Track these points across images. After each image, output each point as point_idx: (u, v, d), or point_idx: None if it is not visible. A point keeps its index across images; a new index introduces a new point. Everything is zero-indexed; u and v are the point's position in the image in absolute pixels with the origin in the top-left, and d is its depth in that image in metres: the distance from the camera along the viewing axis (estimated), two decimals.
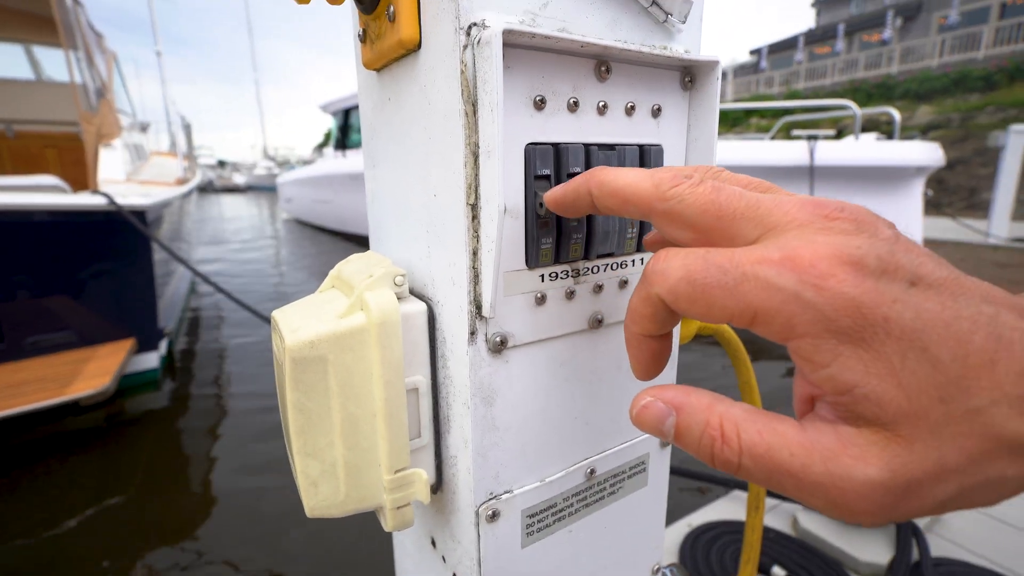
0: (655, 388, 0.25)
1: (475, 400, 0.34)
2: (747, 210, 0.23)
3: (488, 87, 0.28)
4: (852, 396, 0.19)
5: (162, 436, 3.09)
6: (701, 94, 0.38)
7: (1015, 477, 0.18)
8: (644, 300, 0.25)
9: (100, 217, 3.19)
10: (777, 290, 0.20)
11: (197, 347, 4.62)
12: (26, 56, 6.35)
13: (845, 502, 0.19)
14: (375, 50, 0.36)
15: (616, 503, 0.44)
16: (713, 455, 0.22)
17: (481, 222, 0.30)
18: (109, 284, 3.39)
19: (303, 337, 0.33)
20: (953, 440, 0.18)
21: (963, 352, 0.18)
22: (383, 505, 0.37)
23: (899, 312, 0.18)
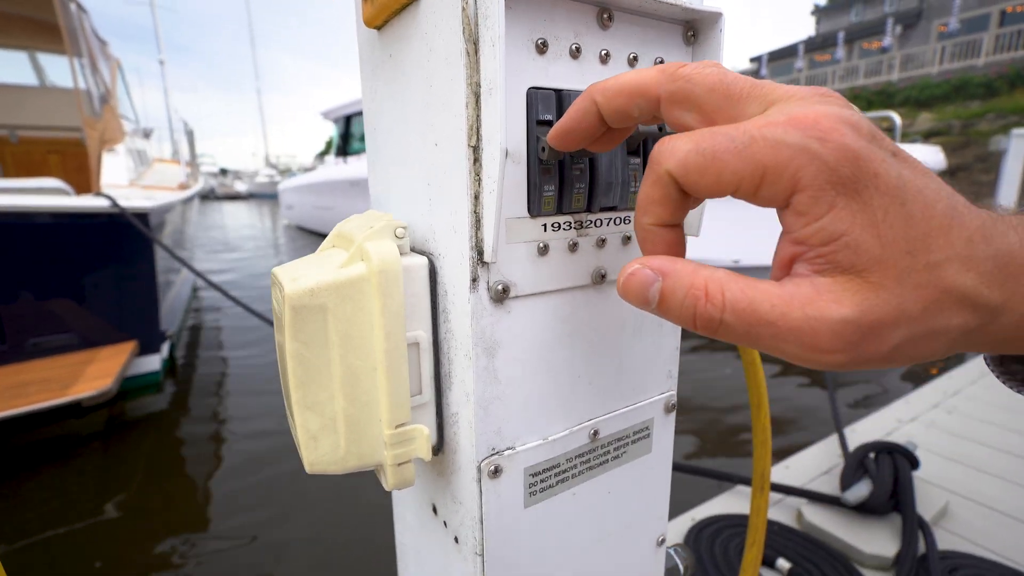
0: (642, 257, 0.26)
1: (477, 351, 0.33)
2: (753, 89, 0.24)
3: (490, 22, 0.28)
4: (837, 244, 0.21)
5: (163, 438, 3.08)
6: (704, 48, 0.38)
7: (957, 327, 0.21)
8: (654, 182, 0.25)
9: (103, 219, 3.20)
10: (785, 146, 0.21)
11: (199, 350, 4.62)
12: (30, 62, 6.41)
13: (817, 342, 0.21)
14: (376, 4, 0.36)
15: (620, 468, 0.43)
16: (696, 314, 0.23)
17: (483, 164, 0.30)
18: (111, 286, 3.39)
19: (303, 285, 0.32)
20: (914, 289, 0.20)
21: (929, 213, 0.21)
22: (383, 462, 0.36)
23: (887, 170, 0.21)
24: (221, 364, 4.27)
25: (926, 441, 1.61)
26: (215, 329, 5.26)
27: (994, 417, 1.78)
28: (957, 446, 1.58)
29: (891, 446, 1.29)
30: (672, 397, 0.46)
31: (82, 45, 4.61)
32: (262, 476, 2.61)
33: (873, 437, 1.64)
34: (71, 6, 4.49)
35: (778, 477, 1.42)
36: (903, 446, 1.29)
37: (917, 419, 1.77)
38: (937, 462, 1.49)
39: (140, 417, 3.34)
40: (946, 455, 1.53)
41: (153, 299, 3.59)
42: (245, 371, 4.11)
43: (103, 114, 4.87)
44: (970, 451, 1.55)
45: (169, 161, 6.97)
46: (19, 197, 2.99)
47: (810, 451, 1.56)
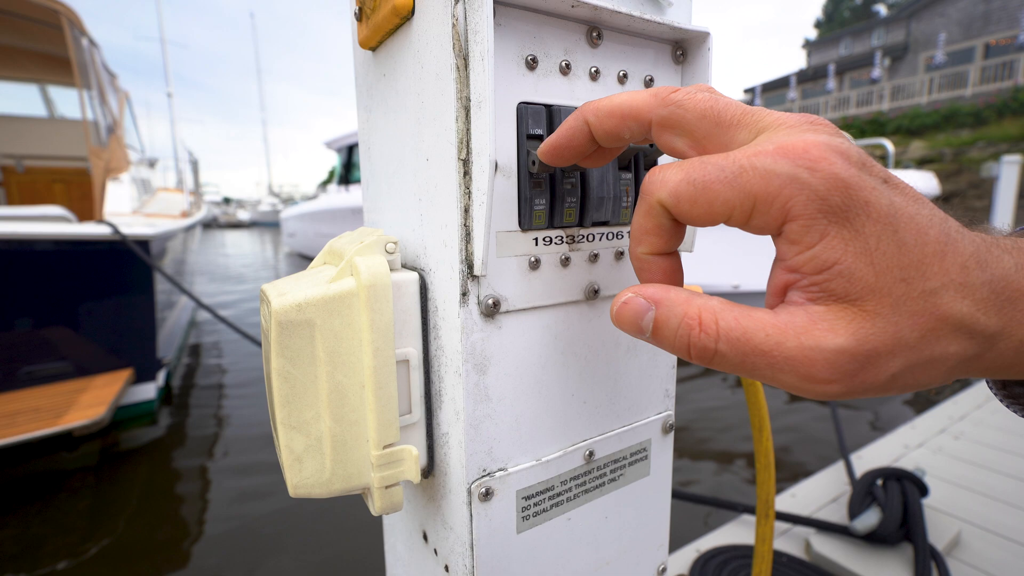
0: (636, 286, 0.26)
1: (467, 367, 0.33)
2: (743, 116, 0.24)
3: (479, 37, 0.28)
4: (831, 273, 0.21)
5: (156, 472, 3.02)
6: (693, 68, 0.38)
7: (954, 355, 0.21)
8: (646, 212, 0.25)
9: (104, 247, 3.21)
10: (775, 175, 0.21)
11: (196, 378, 4.57)
12: (41, 95, 6.56)
13: (813, 372, 0.21)
14: (371, 25, 0.37)
15: (617, 492, 0.42)
16: (690, 343, 0.23)
17: (473, 177, 0.30)
18: (110, 314, 3.38)
19: (290, 300, 0.32)
20: (910, 317, 0.20)
21: (923, 239, 0.21)
22: (370, 485, 0.35)
23: (877, 198, 0.21)
24: (219, 392, 4.22)
25: (934, 467, 1.57)
26: (214, 357, 5.22)
27: (1002, 442, 1.75)
28: (966, 472, 1.54)
29: (899, 472, 1.26)
30: (670, 417, 0.45)
31: (92, 78, 4.72)
32: (258, 512, 2.54)
33: (879, 464, 1.60)
34: (83, 41, 4.62)
35: (784, 506, 1.38)
36: (912, 472, 1.26)
37: (924, 445, 1.74)
38: (947, 489, 1.45)
39: (134, 448, 3.27)
40: (956, 482, 1.50)
41: (151, 326, 3.57)
42: (243, 400, 4.05)
43: (109, 144, 4.96)
44: (980, 478, 1.52)
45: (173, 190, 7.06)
46: (21, 224, 3.01)
47: (816, 479, 1.52)
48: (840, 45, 24.77)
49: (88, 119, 4.51)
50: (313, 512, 2.47)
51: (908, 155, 14.75)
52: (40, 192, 6.00)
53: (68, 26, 4.33)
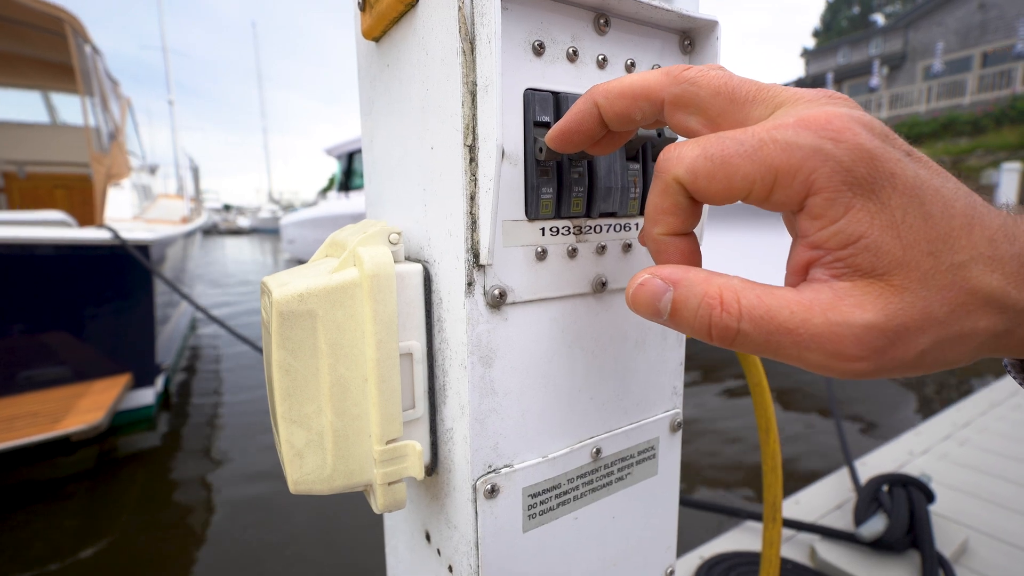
0: (652, 267, 0.25)
1: (472, 359, 0.32)
2: (758, 92, 0.23)
3: (486, 19, 0.27)
4: (856, 247, 0.20)
5: (153, 478, 2.99)
6: (701, 57, 0.38)
7: (984, 330, 0.20)
8: (662, 191, 0.25)
9: (104, 251, 3.21)
10: (797, 147, 0.20)
11: (195, 383, 4.55)
12: (43, 101, 6.59)
13: (842, 348, 0.20)
14: (374, 14, 0.36)
15: (625, 491, 0.41)
16: (711, 324, 0.22)
17: (479, 163, 0.29)
18: (109, 319, 3.37)
19: (292, 290, 0.31)
20: (938, 291, 0.20)
21: (949, 212, 0.20)
22: (372, 481, 0.34)
23: (903, 169, 0.20)
24: (217, 397, 4.20)
25: (940, 473, 1.55)
26: (213, 362, 5.20)
27: (1008, 449, 1.73)
28: (972, 479, 1.53)
29: (905, 478, 1.25)
30: (678, 415, 0.44)
31: (94, 85, 4.74)
32: (256, 520, 2.52)
33: (884, 470, 1.59)
34: (86, 48, 4.65)
35: (789, 512, 1.36)
36: (918, 478, 1.25)
37: (929, 451, 1.72)
38: (953, 496, 1.43)
39: (131, 453, 3.25)
40: (962, 488, 1.48)
41: (150, 331, 3.56)
42: (242, 406, 4.03)
43: (111, 150, 4.97)
44: (986, 484, 1.50)
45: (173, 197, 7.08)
46: (22, 229, 3.01)
47: (820, 485, 1.50)
48: (838, 54, 24.93)
49: (90, 125, 4.53)
50: (313, 520, 2.45)
51: None
52: (41, 198, 6.02)
53: (72, 34, 4.36)
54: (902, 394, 4.07)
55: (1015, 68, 15.69)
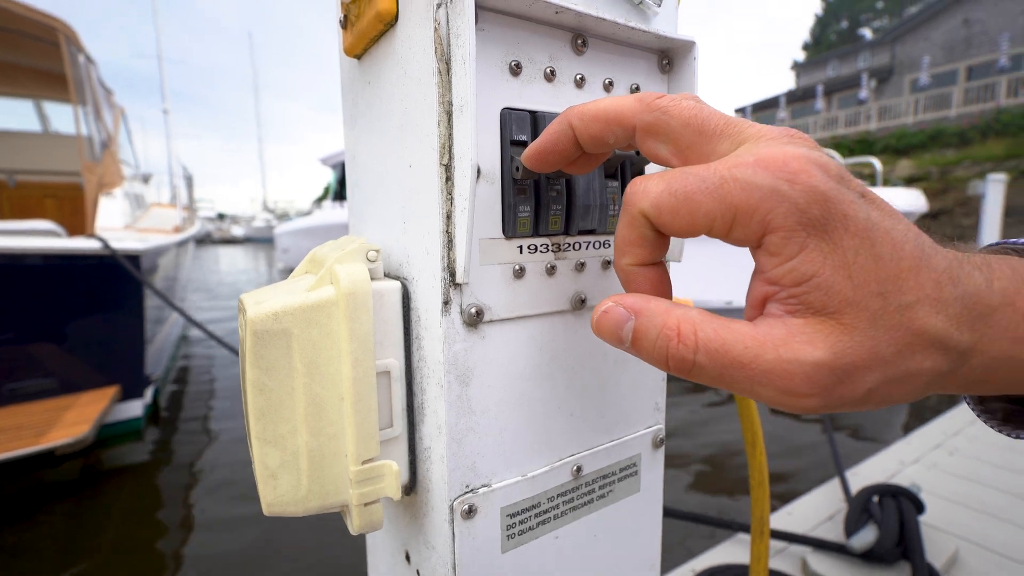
0: (616, 295, 0.26)
1: (449, 378, 0.32)
2: (726, 127, 0.24)
3: (461, 40, 0.27)
4: (809, 285, 0.21)
5: (138, 493, 2.94)
6: (679, 76, 0.38)
7: (929, 370, 0.21)
8: (629, 223, 0.25)
9: (94, 261, 3.18)
10: (756, 188, 0.21)
11: (185, 395, 4.50)
12: (36, 110, 6.58)
13: (792, 385, 0.20)
14: (355, 32, 0.36)
15: (606, 509, 0.40)
16: (668, 354, 0.23)
17: (455, 182, 0.29)
18: (98, 330, 3.33)
19: (267, 309, 0.31)
20: (886, 331, 0.20)
21: (899, 254, 0.21)
22: (349, 502, 0.34)
23: (856, 211, 0.21)
24: (208, 410, 4.15)
25: (930, 483, 1.56)
26: (204, 373, 5.15)
27: (997, 458, 1.74)
28: (962, 489, 1.53)
29: (895, 489, 1.25)
30: (660, 431, 0.43)
31: (87, 94, 4.74)
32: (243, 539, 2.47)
33: (875, 479, 1.59)
34: (80, 57, 4.65)
35: (781, 524, 1.36)
36: (908, 489, 1.25)
37: (919, 461, 1.72)
38: (943, 506, 1.43)
39: (117, 467, 3.20)
40: (952, 498, 1.48)
41: (139, 342, 3.52)
42: (233, 419, 3.99)
43: (103, 159, 4.96)
44: (976, 494, 1.50)
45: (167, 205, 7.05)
46: (10, 239, 2.98)
47: (812, 496, 1.50)
48: (828, 67, 25.34)
49: (82, 134, 4.52)
50: (301, 538, 2.41)
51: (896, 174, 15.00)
52: (32, 207, 5.97)
53: (65, 42, 4.36)
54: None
55: (999, 82, 15.99)
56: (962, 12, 18.90)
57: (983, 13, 18.38)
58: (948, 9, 19.33)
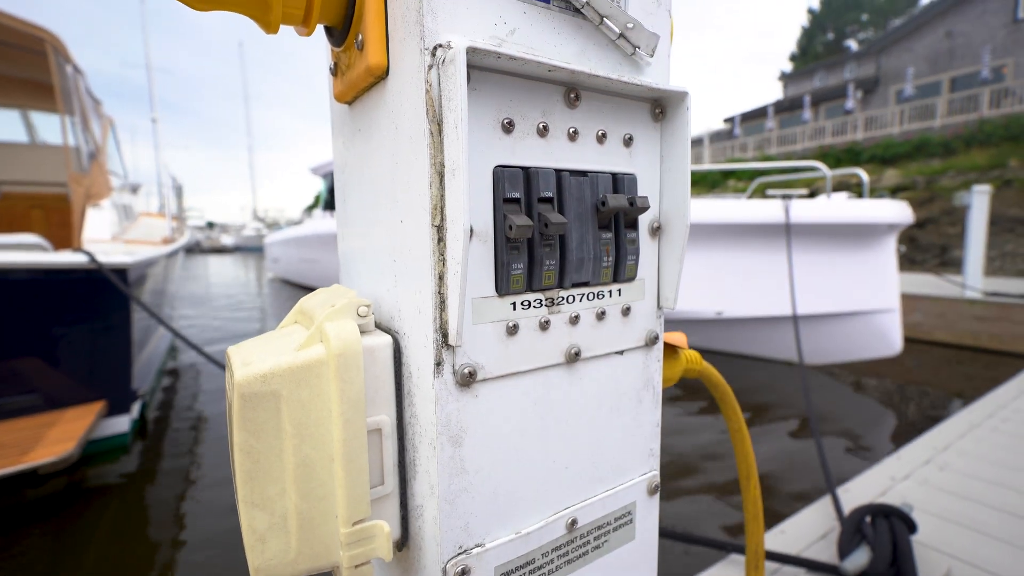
0: None
1: (441, 439, 0.31)
2: None
3: (452, 104, 0.27)
4: None
5: (125, 509, 2.88)
6: (672, 125, 0.38)
7: None
8: None
9: (80, 275, 3.13)
10: None
11: (172, 409, 4.43)
12: (22, 120, 6.52)
13: None
14: (345, 81, 0.36)
15: (601, 559, 0.40)
16: None
17: (447, 244, 0.29)
18: (83, 345, 3.28)
19: (255, 371, 0.30)
20: None
21: None
22: (339, 564, 0.33)
23: None
24: (195, 424, 4.09)
25: (921, 501, 1.56)
26: (192, 386, 5.08)
27: (988, 473, 1.75)
28: (954, 506, 1.54)
29: (888, 509, 1.25)
30: (655, 477, 0.43)
31: (75, 104, 4.70)
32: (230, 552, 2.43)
33: (867, 497, 1.59)
34: (67, 68, 4.62)
35: (774, 544, 1.35)
36: (900, 509, 1.25)
37: (910, 477, 1.73)
38: (935, 524, 1.44)
39: (103, 485, 3.13)
40: (944, 516, 1.49)
41: (126, 357, 3.47)
42: (222, 436, 3.93)
43: (91, 170, 4.91)
44: (968, 511, 1.51)
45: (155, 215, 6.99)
46: None
47: (804, 514, 1.50)
48: (815, 78, 25.73)
49: (69, 145, 4.48)
50: None
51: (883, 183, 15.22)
52: (17, 218, 5.90)
53: (52, 53, 4.33)
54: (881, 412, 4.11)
55: (981, 93, 16.31)
56: (945, 25, 19.32)
57: (966, 26, 18.80)
58: (931, 22, 19.76)
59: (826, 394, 4.59)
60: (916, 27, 20.37)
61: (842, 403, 4.25)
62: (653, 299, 0.40)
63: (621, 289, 0.38)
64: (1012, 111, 15.58)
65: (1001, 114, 15.89)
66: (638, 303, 0.39)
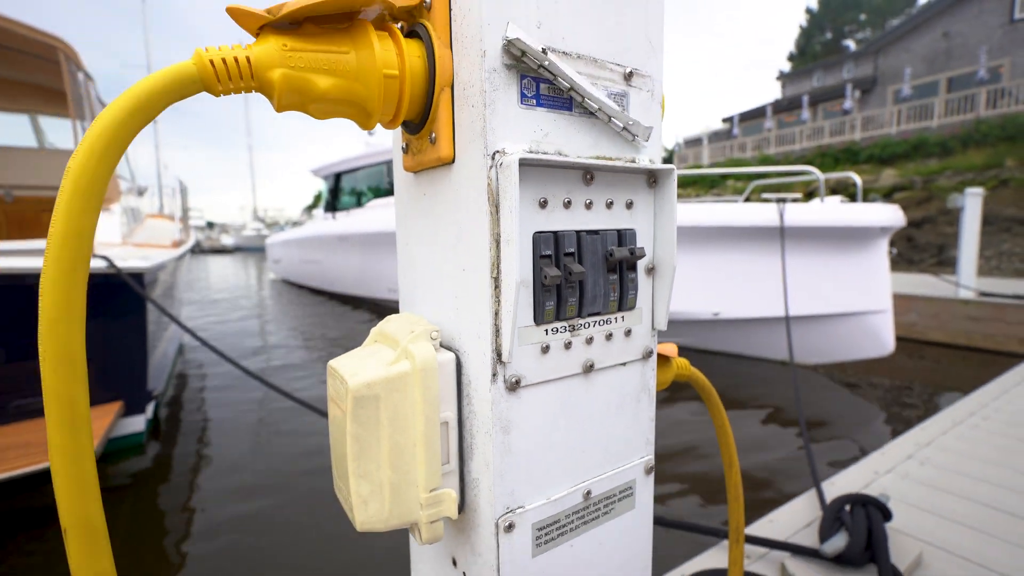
0: None
1: (495, 429, 0.43)
2: None
3: (507, 194, 0.39)
4: None
5: (144, 503, 3.01)
6: (663, 191, 0.50)
7: None
8: None
9: (98, 279, 3.25)
10: None
11: (183, 407, 4.55)
12: (32, 125, 6.64)
13: None
14: (415, 160, 0.48)
15: (610, 523, 0.52)
16: None
17: (502, 290, 0.41)
18: (101, 346, 3.40)
19: (362, 379, 0.42)
20: None
21: None
22: (418, 521, 0.45)
23: None
24: (205, 423, 4.21)
25: (901, 492, 1.68)
26: (199, 385, 5.20)
27: (963, 467, 1.88)
28: (930, 496, 1.66)
29: (865, 498, 1.37)
30: (650, 460, 0.55)
31: (86, 111, 4.81)
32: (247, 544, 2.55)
33: (851, 489, 1.71)
34: (79, 75, 4.73)
35: (764, 531, 1.47)
36: (876, 498, 1.37)
37: (893, 471, 1.85)
38: (911, 513, 1.56)
39: (121, 483, 3.25)
40: (920, 506, 1.61)
41: (142, 358, 3.59)
42: (230, 429, 4.05)
43: None
44: (942, 501, 1.63)
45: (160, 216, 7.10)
46: (16, 259, 3.05)
47: (792, 504, 1.62)
48: (813, 77, 25.85)
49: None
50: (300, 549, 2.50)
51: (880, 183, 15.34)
52: (29, 221, 6.02)
53: (65, 61, 4.44)
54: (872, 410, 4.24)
55: (978, 93, 16.42)
56: (942, 25, 19.43)
57: (962, 26, 18.91)
58: (928, 22, 19.86)
59: (824, 393, 4.71)
60: (913, 27, 20.46)
61: (838, 402, 4.37)
62: (648, 322, 0.52)
63: (624, 316, 0.50)
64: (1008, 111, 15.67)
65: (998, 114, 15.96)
66: (637, 326, 0.51)
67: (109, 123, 0.33)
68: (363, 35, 0.40)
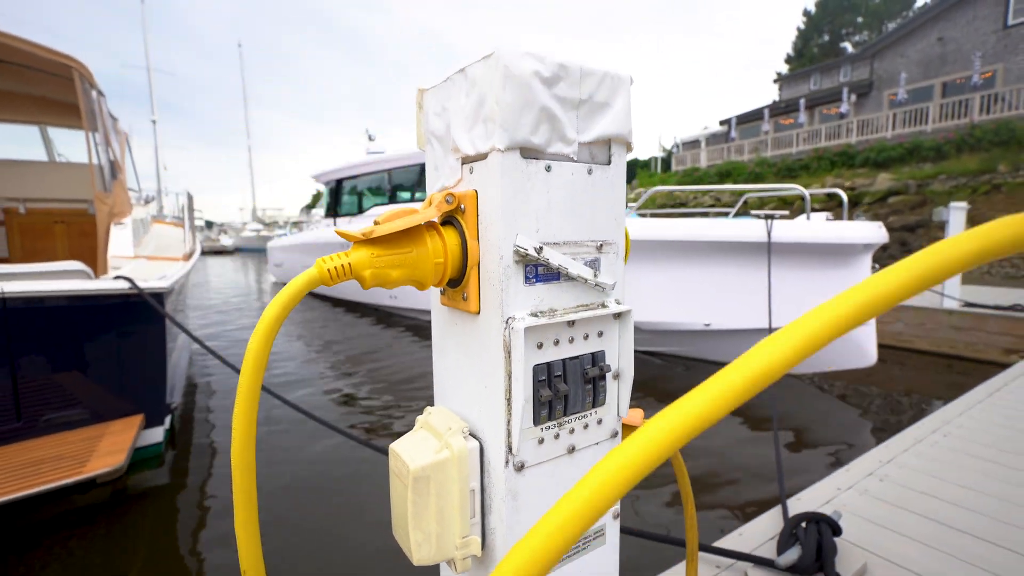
0: None
1: (507, 496, 0.64)
2: None
3: (516, 346, 0.60)
4: None
5: (165, 511, 3.21)
6: (625, 324, 0.71)
7: None
8: None
9: (121, 300, 3.45)
10: None
11: (195, 417, 4.75)
12: (42, 139, 6.83)
13: None
14: (451, 302, 0.69)
15: (588, 555, 0.73)
16: None
17: (512, 407, 0.62)
18: (123, 362, 3.60)
19: (419, 464, 0.63)
20: None
21: None
22: (455, 558, 0.66)
23: None
24: (216, 434, 4.41)
25: (858, 507, 1.89)
26: (208, 392, 5.40)
27: (918, 483, 2.09)
28: (881, 512, 1.87)
29: (819, 516, 1.58)
30: (617, 508, 0.76)
31: (99, 127, 5.01)
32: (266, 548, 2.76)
33: (815, 505, 1.92)
34: (92, 93, 4.92)
35: (732, 544, 1.68)
36: (828, 515, 1.58)
37: (853, 487, 2.06)
38: (863, 526, 1.77)
39: (142, 491, 3.46)
40: (874, 520, 1.82)
41: (162, 373, 3.79)
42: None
43: (114, 190, 5.21)
44: (892, 516, 1.84)
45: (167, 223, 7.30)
46: (43, 282, 3.25)
47: (759, 520, 1.83)
48: (810, 80, 26.08)
49: (94, 165, 4.78)
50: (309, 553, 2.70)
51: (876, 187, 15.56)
52: (40, 233, 6.22)
53: (79, 80, 4.63)
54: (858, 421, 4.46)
55: (972, 98, 16.64)
56: (936, 30, 19.65)
57: (957, 32, 19.13)
58: (923, 27, 20.08)
59: (813, 403, 4.93)
60: (908, 32, 20.68)
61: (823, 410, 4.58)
62: (615, 412, 0.73)
63: (597, 410, 0.71)
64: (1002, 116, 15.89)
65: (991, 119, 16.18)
66: (606, 416, 0.72)
67: (280, 304, 0.54)
68: (419, 237, 0.61)
